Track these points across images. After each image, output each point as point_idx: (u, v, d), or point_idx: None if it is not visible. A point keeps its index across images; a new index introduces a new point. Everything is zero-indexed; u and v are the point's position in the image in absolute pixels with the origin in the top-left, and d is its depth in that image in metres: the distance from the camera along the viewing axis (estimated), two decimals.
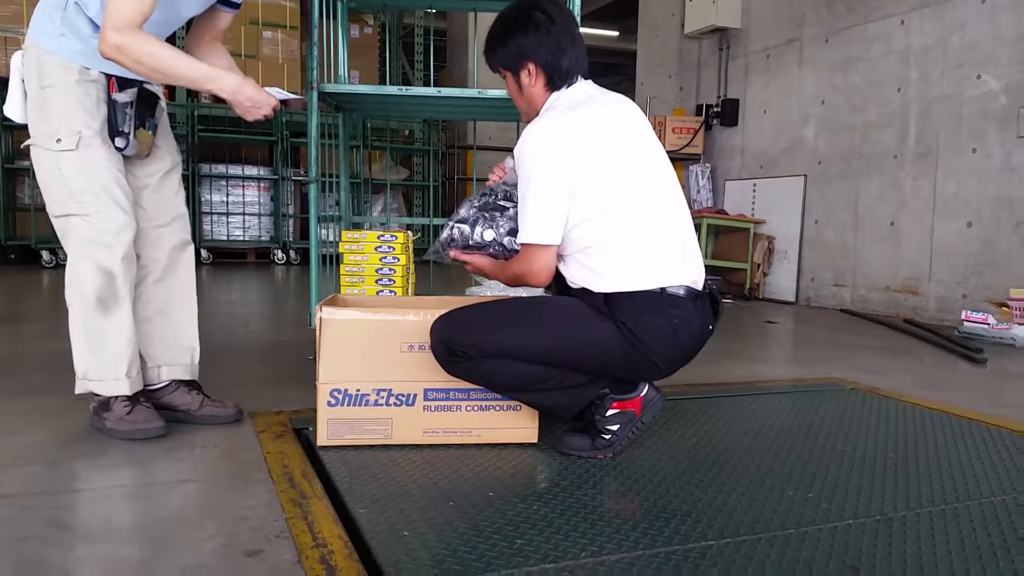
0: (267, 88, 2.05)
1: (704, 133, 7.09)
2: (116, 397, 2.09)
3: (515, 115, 2.05)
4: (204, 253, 8.81)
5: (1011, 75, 4.60)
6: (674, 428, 2.32)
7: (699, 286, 1.96)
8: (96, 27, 1.99)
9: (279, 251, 9.24)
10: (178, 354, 2.26)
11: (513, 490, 1.79)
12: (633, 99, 2.18)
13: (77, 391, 2.12)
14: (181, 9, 2.09)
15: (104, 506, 1.64)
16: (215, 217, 9.13)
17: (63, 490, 1.74)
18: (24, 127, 2.06)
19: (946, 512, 1.71)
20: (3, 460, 1.89)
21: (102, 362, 2.08)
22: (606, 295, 1.90)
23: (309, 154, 2.70)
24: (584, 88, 2.04)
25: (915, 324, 4.87)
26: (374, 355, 2.01)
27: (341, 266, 3.01)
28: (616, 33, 15.61)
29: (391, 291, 3.01)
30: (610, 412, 1.99)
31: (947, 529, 1.62)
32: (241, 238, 9.22)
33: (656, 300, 1.89)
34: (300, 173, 9.59)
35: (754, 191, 6.61)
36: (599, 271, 1.91)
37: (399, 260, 3.03)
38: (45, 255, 7.77)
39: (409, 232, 3.10)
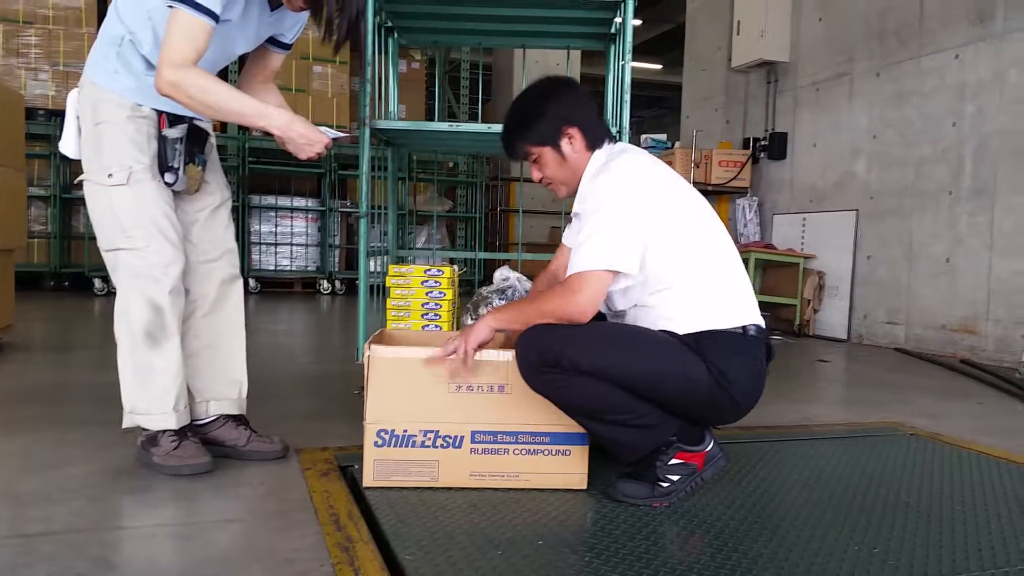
0: (319, 128, 2.05)
1: (751, 166, 7.01)
2: (163, 432, 2.09)
3: None
4: (252, 283, 8.93)
5: None
6: (729, 473, 2.24)
7: (764, 327, 1.95)
8: (148, 64, 2.02)
9: (325, 281, 9.32)
10: (226, 388, 2.26)
11: (563, 539, 1.73)
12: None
13: (124, 425, 2.12)
14: (232, 47, 2.11)
15: (150, 545, 1.62)
16: (263, 247, 9.25)
17: (109, 527, 1.73)
18: (79, 159, 2.09)
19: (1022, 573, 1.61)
20: (51, 494, 1.89)
21: (150, 396, 2.08)
22: (693, 335, 1.87)
23: (360, 189, 2.71)
24: (624, 144, 2.11)
25: (973, 365, 4.71)
26: (422, 395, 1.97)
27: (388, 300, 2.99)
28: (660, 66, 15.64)
29: (436, 326, 2.99)
30: (673, 461, 1.93)
31: None
32: (288, 268, 9.33)
33: (741, 340, 1.90)
34: (347, 204, 9.70)
35: (803, 226, 6.49)
36: (682, 310, 1.90)
37: (445, 295, 3.00)
38: (97, 283, 7.93)
39: (455, 267, 3.08)
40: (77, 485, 1.96)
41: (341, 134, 2.06)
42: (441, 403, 1.98)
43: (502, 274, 2.76)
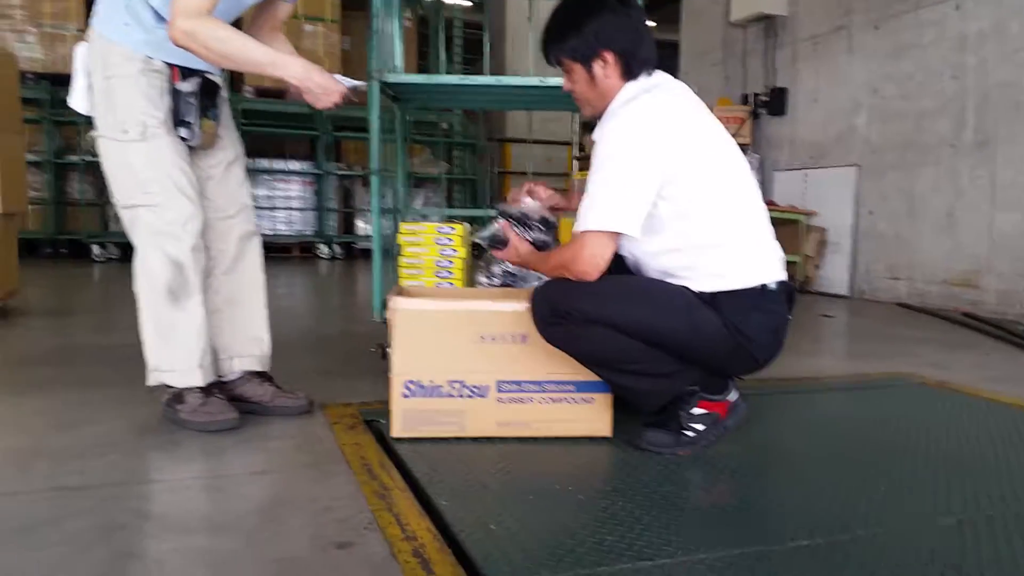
0: (334, 76, 2.03)
1: (752, 123, 6.99)
2: (190, 388, 2.09)
3: (572, 105, 1.99)
4: None
5: None
6: (749, 423, 2.26)
7: (786, 279, 1.93)
8: (159, 17, 1.99)
9: (323, 245, 9.28)
10: (249, 345, 2.27)
11: (593, 486, 1.76)
12: None
13: (149, 383, 2.12)
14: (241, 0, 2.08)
15: (187, 497, 1.64)
16: (259, 212, 9.16)
17: (145, 480, 1.75)
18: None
19: None
20: (82, 450, 1.90)
21: (174, 353, 2.08)
22: (706, 293, 1.86)
23: (371, 147, 2.69)
24: (661, 77, 1.98)
25: (975, 318, 4.75)
26: (447, 346, 1.99)
27: (399, 258, 2.99)
28: (654, 23, 15.46)
29: (450, 283, 2.99)
30: (696, 410, 1.95)
31: None
32: (285, 233, 9.28)
33: (759, 296, 1.86)
34: (343, 167, 9.63)
35: (805, 182, 6.49)
36: (699, 270, 1.86)
37: (458, 252, 3.00)
38: (95, 249, 7.87)
39: (467, 224, 3.07)
40: (107, 441, 1.98)
41: (358, 83, 2.03)
42: (466, 353, 1.99)
43: (528, 205, 2.58)
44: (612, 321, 1.81)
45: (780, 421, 2.32)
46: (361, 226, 9.83)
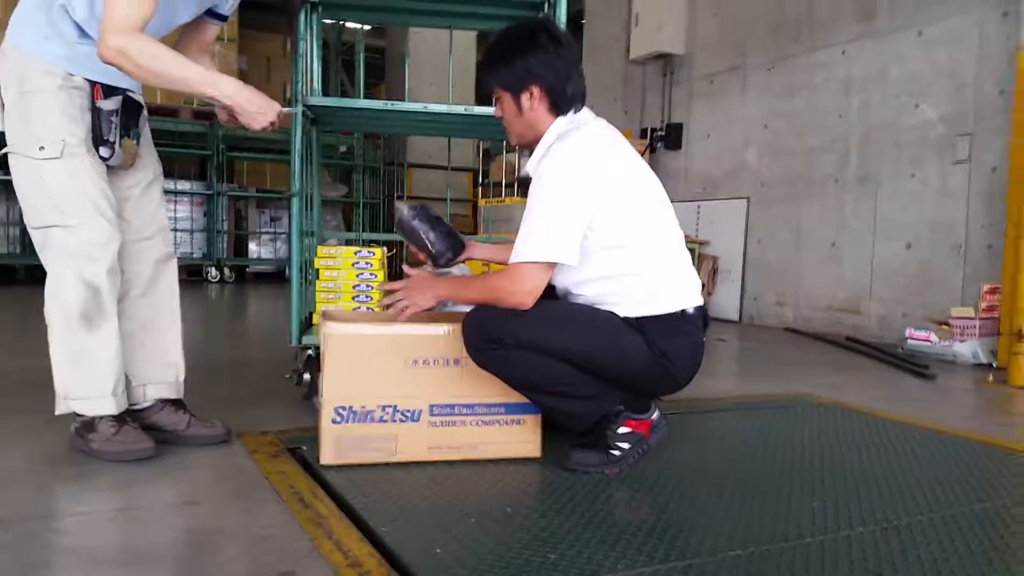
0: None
1: (649, 156, 7.24)
2: (101, 417, 2.00)
3: (496, 133, 2.04)
4: None
5: (947, 105, 4.85)
6: (668, 442, 2.33)
7: (702, 304, 2.03)
8: (82, 32, 1.92)
9: (213, 268, 8.98)
10: (163, 372, 2.19)
11: (529, 505, 1.78)
12: None
13: (58, 411, 2.02)
14: (174, 16, 2.04)
15: (111, 530, 1.57)
16: None
17: (63, 514, 1.66)
18: None
19: (945, 518, 1.77)
20: None
21: (86, 380, 1.99)
22: (632, 319, 1.93)
23: (292, 168, 2.65)
24: (587, 114, 2.06)
25: (858, 342, 5.05)
26: (379, 370, 1.98)
27: (317, 282, 2.95)
28: None
29: (368, 307, 2.97)
30: (622, 429, 2.01)
31: (952, 535, 1.67)
32: None
33: (680, 321, 1.96)
34: (235, 188, 9.38)
35: (698, 213, 6.76)
36: (625, 297, 1.94)
37: (376, 276, 2.99)
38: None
39: (384, 248, 3.06)
40: (15, 473, 1.87)
41: (289, 108, 2.01)
42: (398, 377, 1.99)
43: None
44: (543, 346, 1.87)
45: (696, 440, 2.41)
46: (253, 248, 9.58)
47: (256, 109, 1.93)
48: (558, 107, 2.01)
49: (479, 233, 7.53)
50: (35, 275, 7.79)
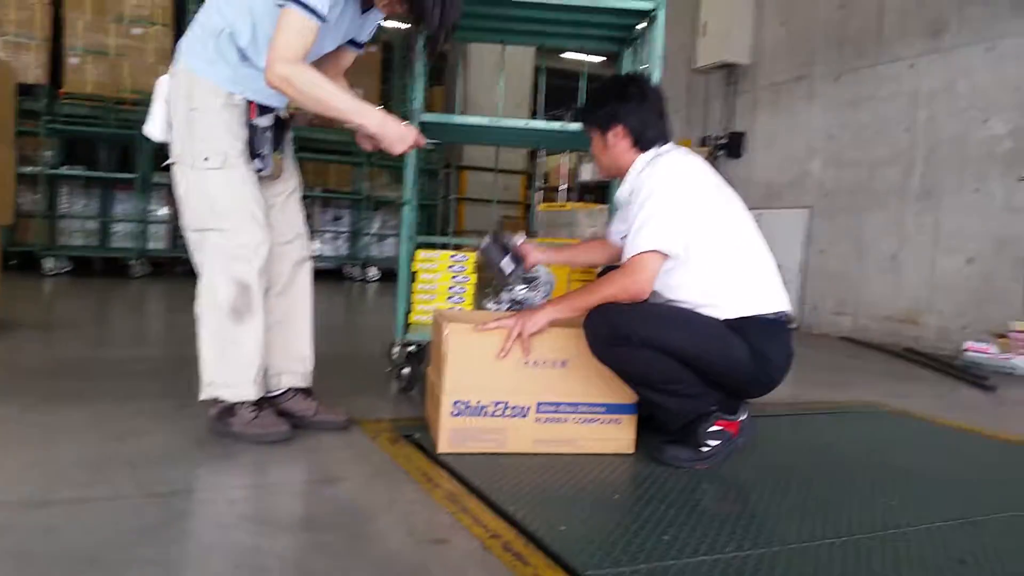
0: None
1: (711, 164, 7.36)
2: (242, 403, 2.23)
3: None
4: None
5: (1016, 120, 4.91)
6: (754, 443, 2.50)
7: (789, 311, 2.22)
8: (243, 56, 2.16)
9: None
10: (295, 363, 2.42)
11: (634, 494, 1.97)
12: None
13: (202, 396, 2.25)
14: (322, 45, 2.26)
15: (276, 502, 1.80)
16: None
17: (227, 486, 1.88)
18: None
19: (1020, 516, 1.93)
20: (153, 459, 2.02)
21: (232, 369, 2.22)
22: (735, 319, 2.14)
23: (406, 179, 2.90)
24: (671, 147, 2.35)
25: (916, 352, 5.14)
26: (494, 369, 2.18)
27: (415, 284, 3.17)
28: (602, 59, 15.96)
29: (460, 308, 3.18)
30: (713, 428, 2.19)
31: None
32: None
33: (774, 324, 2.18)
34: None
35: (759, 221, 6.84)
36: (722, 298, 2.16)
37: (469, 279, 3.20)
38: (49, 263, 7.72)
39: (475, 252, 3.27)
40: (170, 452, 2.10)
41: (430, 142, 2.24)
42: (511, 377, 2.19)
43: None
44: (664, 345, 2.07)
45: (778, 442, 2.58)
46: (316, 247, 9.77)
47: (398, 138, 2.17)
48: (639, 144, 2.33)
49: (537, 236, 7.72)
50: (111, 266, 8.19)
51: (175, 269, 8.85)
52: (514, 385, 2.20)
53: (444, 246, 3.52)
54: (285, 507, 1.77)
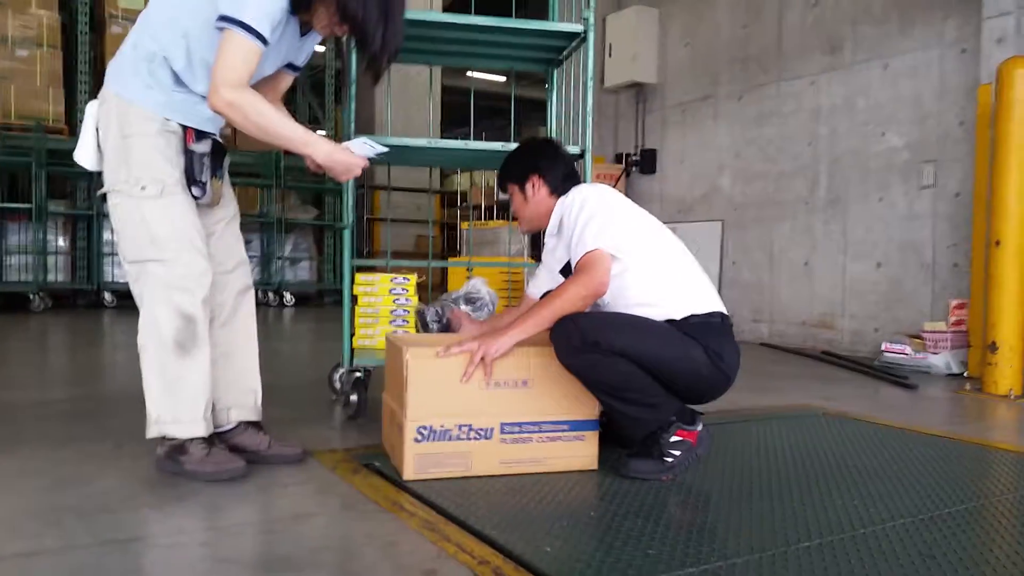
0: (352, 143, 2.19)
1: (624, 180, 7.52)
2: (192, 439, 2.13)
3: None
4: None
5: (911, 133, 5.22)
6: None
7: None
8: (178, 81, 2.08)
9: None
10: (244, 395, 2.33)
11: (608, 509, 1.97)
12: None
13: (149, 435, 2.14)
14: (262, 68, 2.19)
15: (250, 542, 1.72)
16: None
17: (190, 530, 1.78)
18: None
19: (978, 508, 2.02)
20: (103, 505, 1.90)
21: (179, 405, 2.12)
22: (685, 322, 2.21)
23: (344, 202, 2.83)
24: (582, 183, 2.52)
25: (834, 355, 5.36)
26: (456, 393, 2.15)
27: (356, 307, 3.11)
28: (503, 79, 16.20)
29: (404, 331, 3.13)
30: (674, 438, 2.22)
31: (989, 522, 1.92)
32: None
33: (721, 325, 2.27)
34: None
35: (674, 234, 7.03)
36: (665, 296, 2.26)
37: (411, 302, 3.16)
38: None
39: (416, 274, 3.24)
40: (120, 494, 1.98)
41: (381, 148, 2.19)
42: (473, 399, 2.17)
43: (475, 284, 2.95)
44: (631, 352, 2.11)
45: (732, 449, 2.63)
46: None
47: (344, 169, 2.16)
48: (556, 192, 2.48)
49: (462, 254, 7.70)
50: (9, 301, 7.72)
51: (77, 302, 8.43)
52: (477, 407, 2.17)
53: (376, 268, 3.47)
54: (260, 548, 1.69)
